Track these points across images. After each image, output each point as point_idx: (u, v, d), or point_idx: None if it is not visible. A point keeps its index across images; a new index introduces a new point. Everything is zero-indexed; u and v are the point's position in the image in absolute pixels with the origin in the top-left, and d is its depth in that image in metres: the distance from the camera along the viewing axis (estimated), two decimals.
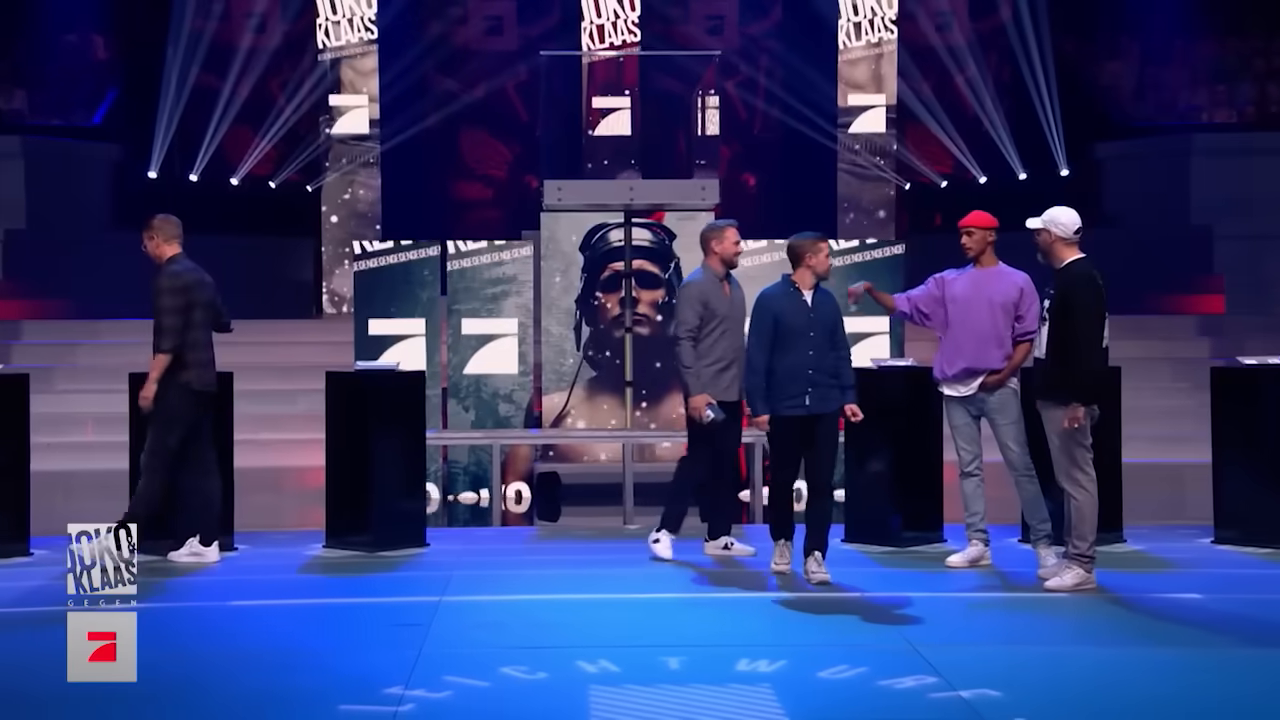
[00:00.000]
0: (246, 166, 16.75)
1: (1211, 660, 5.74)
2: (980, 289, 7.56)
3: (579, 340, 11.28)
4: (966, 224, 7.65)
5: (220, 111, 16.36)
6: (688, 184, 11.14)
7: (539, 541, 9.13)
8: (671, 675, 5.44)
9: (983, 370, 7.52)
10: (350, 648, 5.99)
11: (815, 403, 7.14)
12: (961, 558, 7.69)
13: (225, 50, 16.58)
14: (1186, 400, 12.44)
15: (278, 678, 5.46)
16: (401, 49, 16.78)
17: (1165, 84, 17.65)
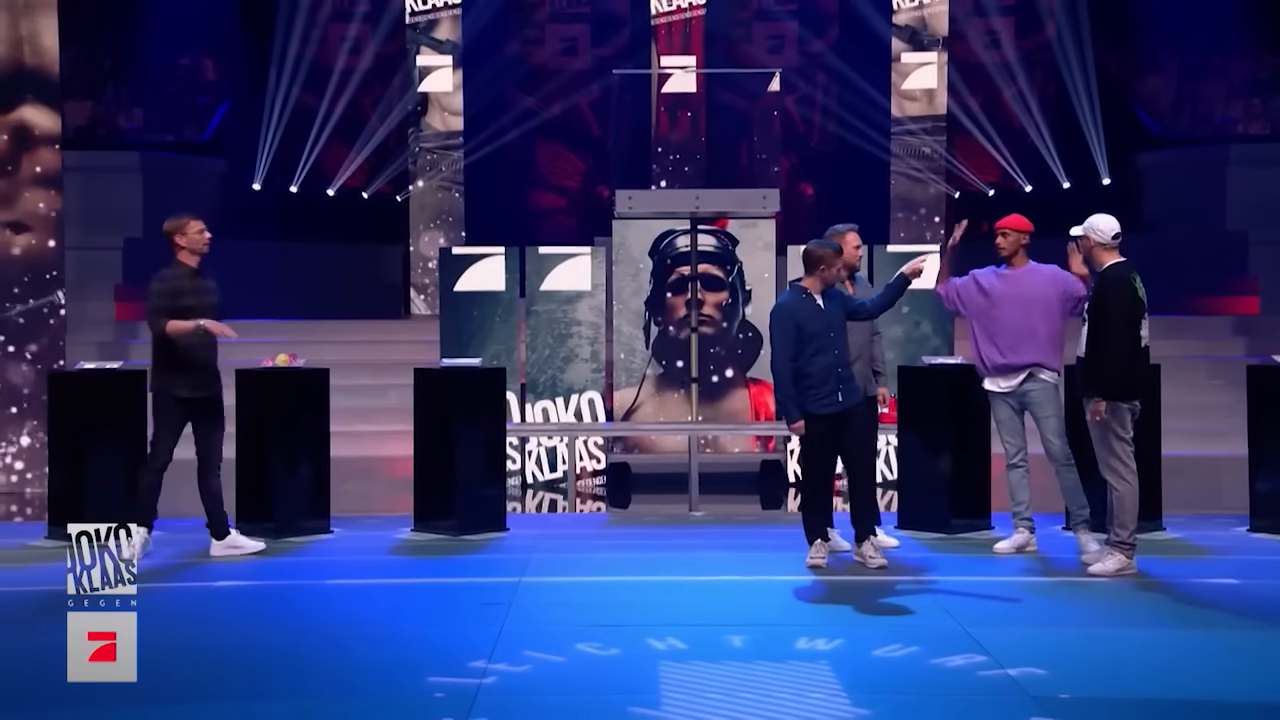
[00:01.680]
0: (341, 179, 16.91)
1: (1246, 642, 5.65)
2: (1014, 288, 7.50)
3: (648, 340, 11.29)
4: (1003, 225, 7.61)
5: (318, 128, 16.54)
6: (750, 193, 11.11)
7: (610, 527, 9.15)
8: (735, 652, 5.43)
9: (1020, 366, 7.44)
10: (437, 624, 6.03)
11: (846, 398, 7.05)
12: (1008, 544, 7.62)
13: (322, 71, 16.76)
14: (1222, 396, 12.25)
15: (370, 650, 5.52)
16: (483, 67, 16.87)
17: (1202, 97, 17.37)
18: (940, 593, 6.56)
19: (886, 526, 8.02)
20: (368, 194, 17.13)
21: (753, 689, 4.93)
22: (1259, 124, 16.96)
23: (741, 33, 17.88)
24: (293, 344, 10.00)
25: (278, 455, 8.16)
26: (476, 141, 16.64)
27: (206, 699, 4.90)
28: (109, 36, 16.45)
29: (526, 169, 18.26)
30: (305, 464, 8.27)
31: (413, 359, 10.74)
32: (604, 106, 17.78)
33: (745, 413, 11.29)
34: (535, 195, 18.44)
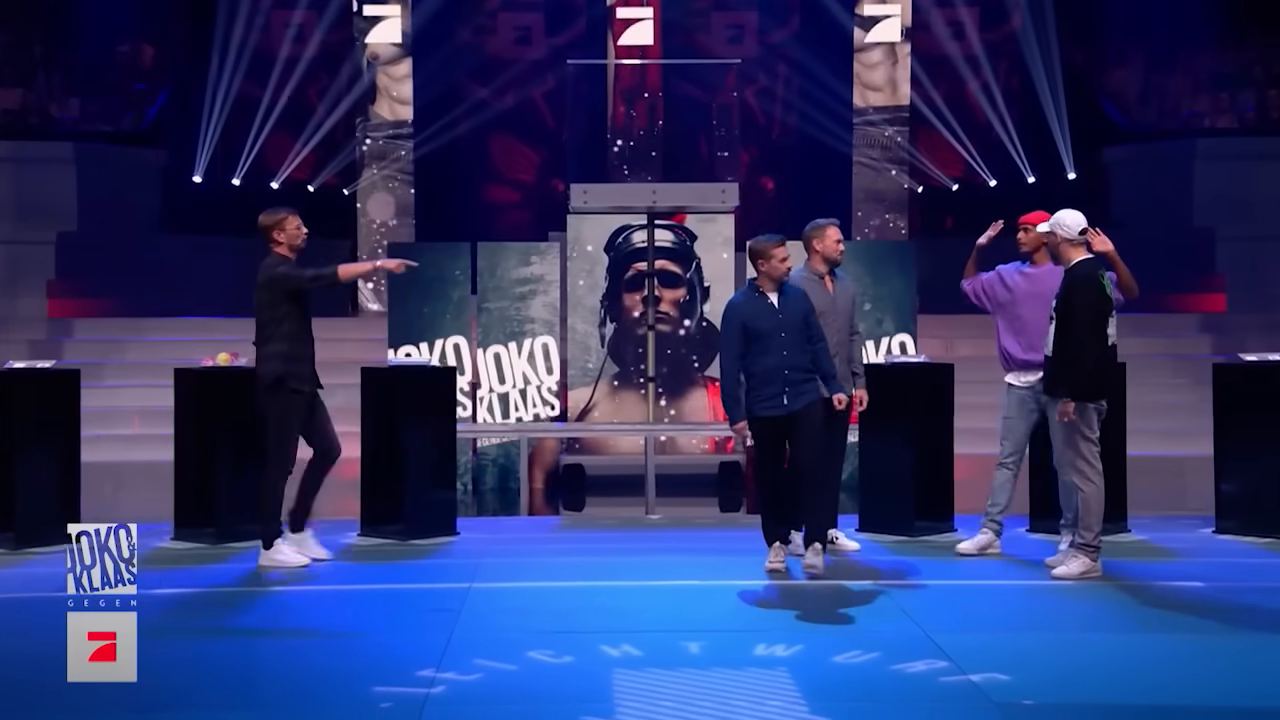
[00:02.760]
0: (286, 171, 16.79)
1: (1213, 646, 5.71)
2: (1036, 285, 7.54)
3: (603, 338, 11.29)
4: (1026, 221, 7.65)
5: (261, 118, 16.41)
6: (708, 187, 11.14)
7: (564, 531, 9.13)
8: (692, 659, 5.43)
9: (1040, 363, 7.49)
10: (384, 631, 5.99)
11: (793, 401, 6.93)
12: (971, 545, 7.67)
13: (266, 59, 16.63)
14: (1188, 395, 12.38)
15: (315, 659, 5.47)
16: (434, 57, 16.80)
17: (1169, 91, 17.55)
18: (902, 597, 6.59)
19: (847, 529, 8.05)
20: (314, 187, 17.02)
21: (709, 697, 4.93)
22: (1226, 118, 17.16)
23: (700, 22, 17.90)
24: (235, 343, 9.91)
25: (219, 458, 8.09)
26: (427, 133, 16.58)
27: (143, 711, 4.84)
28: (40, 21, 16.26)
29: (479, 162, 18.20)
30: (248, 467, 8.18)
31: (360, 358, 10.68)
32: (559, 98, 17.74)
33: (703, 413, 11.30)
34: (488, 189, 18.38)
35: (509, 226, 17.31)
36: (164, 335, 13.85)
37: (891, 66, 16.29)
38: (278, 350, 7.30)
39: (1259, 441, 8.22)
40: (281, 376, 7.28)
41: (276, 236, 7.41)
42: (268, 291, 7.32)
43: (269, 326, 7.33)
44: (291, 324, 7.32)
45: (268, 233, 7.42)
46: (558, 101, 17.76)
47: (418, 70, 16.30)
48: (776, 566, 7.06)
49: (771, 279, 7.01)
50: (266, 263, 7.41)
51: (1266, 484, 8.17)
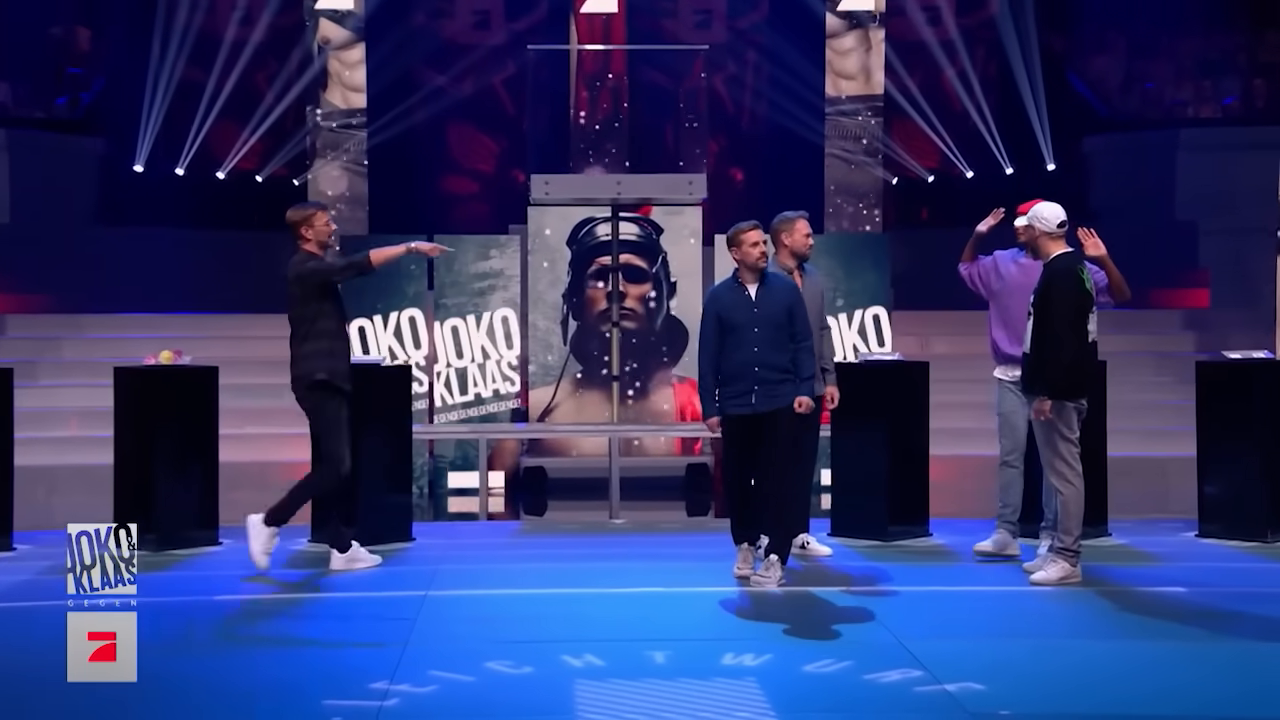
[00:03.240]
0: (233, 160, 16.70)
1: (1196, 654, 5.76)
2: (1027, 276, 7.56)
3: (565, 335, 11.28)
4: (1025, 211, 7.65)
5: (206, 105, 16.31)
6: (675, 178, 11.15)
7: (524, 536, 9.12)
8: (657, 670, 5.44)
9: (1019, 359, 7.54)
10: (335, 642, 5.98)
11: (762, 401, 6.84)
12: (989, 544, 7.70)
13: (211, 42, 16.52)
14: (1171, 394, 12.48)
15: (262, 672, 5.45)
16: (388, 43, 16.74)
17: (1151, 79, 17.69)
18: (875, 603, 6.62)
19: (819, 534, 8.08)
20: (262, 177, 16.94)
21: (676, 708, 4.94)
22: (1210, 107, 17.30)
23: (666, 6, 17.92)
24: (178, 340, 9.87)
25: (161, 461, 8.05)
26: (381, 122, 16.52)
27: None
28: None
29: (435, 151, 18.16)
30: (192, 470, 8.17)
31: None
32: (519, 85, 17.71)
33: (670, 413, 11.32)
34: (445, 180, 18.34)
35: (467, 218, 17.28)
36: (103, 332, 13.74)
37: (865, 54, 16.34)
38: (319, 348, 7.35)
39: (1243, 442, 8.30)
40: (327, 376, 7.31)
41: (304, 233, 7.46)
42: (298, 287, 7.39)
43: (304, 325, 7.39)
44: (328, 321, 7.38)
45: (296, 228, 7.50)
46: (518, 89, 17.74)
47: (371, 56, 16.23)
48: (744, 572, 7.06)
49: (747, 267, 6.97)
50: (294, 259, 7.49)
51: (1251, 486, 8.25)
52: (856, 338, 11.17)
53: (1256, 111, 16.98)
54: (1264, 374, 8.38)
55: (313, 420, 7.42)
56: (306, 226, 7.46)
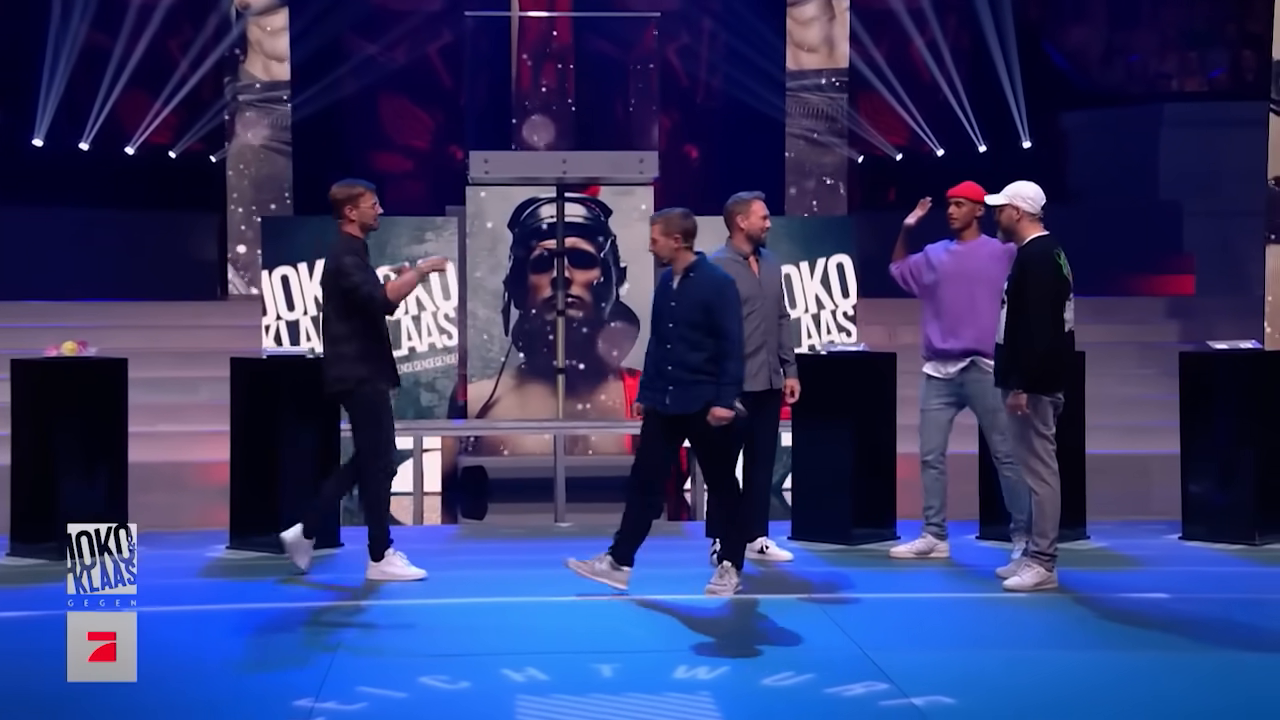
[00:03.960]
0: (143, 135, 16.54)
1: (1178, 664, 5.82)
2: (961, 264, 7.64)
3: (507, 324, 11.26)
4: (957, 194, 7.74)
5: (112, 74, 16.13)
6: (625, 156, 11.15)
7: (462, 540, 9.11)
8: (604, 684, 5.44)
9: (961, 352, 7.59)
10: (256, 657, 5.95)
11: (676, 403, 6.83)
12: (907, 548, 7.78)
13: (117, 5, 16.35)
14: (1153, 387, 12.61)
15: (176, 690, 5.41)
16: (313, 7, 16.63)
17: (1133, 50, 17.84)
18: (838, 612, 6.65)
19: (779, 537, 8.11)
20: (176, 153, 16.80)
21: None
22: (1195, 80, 17.47)
23: None
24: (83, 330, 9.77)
25: (63, 461, 7.97)
26: (307, 95, 16.42)
27: None
28: None
29: (365, 126, 18.08)
30: (97, 471, 8.09)
31: (230, 347, 10.57)
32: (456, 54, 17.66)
33: (619, 409, 11.33)
34: (376, 156, 18.26)
35: (400, 199, 17.19)
36: None
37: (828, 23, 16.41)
38: (355, 350, 7.27)
39: (1230, 438, 8.39)
40: (364, 376, 7.25)
41: (349, 213, 7.37)
42: (333, 280, 7.31)
43: (340, 322, 7.31)
44: (363, 319, 7.28)
45: (340, 207, 7.40)
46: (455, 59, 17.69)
47: (295, 22, 16.13)
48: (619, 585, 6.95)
49: (662, 257, 7.01)
50: (334, 247, 7.40)
51: (1237, 485, 8.34)
52: (819, 288, 11.23)
53: (1245, 85, 17.14)
54: (1251, 366, 8.46)
55: (352, 422, 7.43)
56: (351, 206, 7.37)
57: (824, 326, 11.14)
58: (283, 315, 11.03)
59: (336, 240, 7.44)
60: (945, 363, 7.70)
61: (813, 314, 11.20)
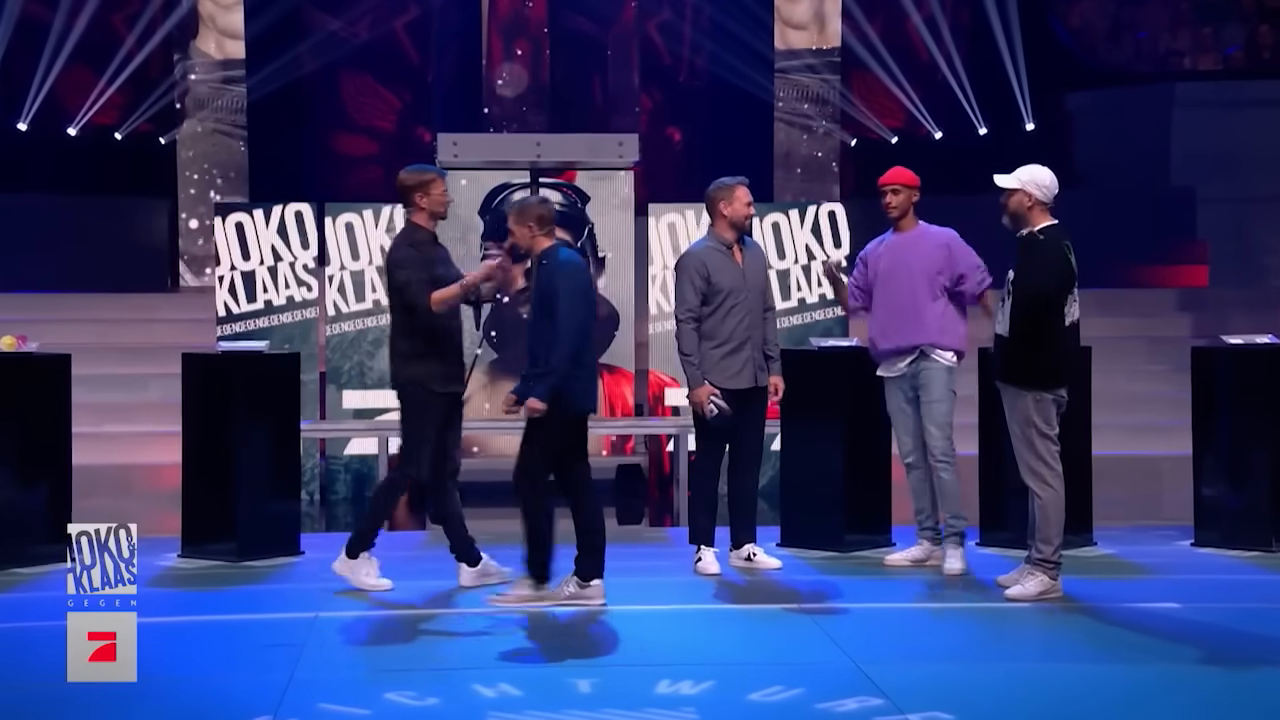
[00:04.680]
0: (86, 115, 16.48)
1: (1189, 679, 5.85)
2: (899, 257, 7.70)
3: (478, 318, 11.27)
4: (892, 181, 7.81)
5: (52, 49, 16.05)
6: (602, 139, 11.16)
7: (430, 548, 9.11)
8: (581, 700, 5.46)
9: (908, 348, 7.66)
10: (210, 672, 5.95)
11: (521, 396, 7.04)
12: (902, 556, 7.83)
13: None
14: (1164, 384, 12.66)
15: (121, 708, 5.41)
16: None
17: (1143, 26, 17.89)
18: (829, 623, 6.68)
19: (767, 544, 8.14)
20: (122, 134, 16.75)
21: None
22: (1210, 58, 17.52)
23: None
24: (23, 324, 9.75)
25: (2, 464, 7.96)
26: (263, 73, 16.38)
27: None
28: None
29: (326, 106, 18.06)
30: (38, 475, 8.09)
31: (182, 341, 10.57)
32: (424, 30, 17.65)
33: (598, 408, 11.34)
34: (337, 138, 18.25)
35: (363, 184, 17.21)
36: None
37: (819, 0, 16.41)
38: (407, 347, 7.29)
39: (1245, 439, 8.42)
40: (418, 377, 7.26)
41: (418, 200, 7.37)
42: (388, 272, 7.36)
43: (395, 315, 7.38)
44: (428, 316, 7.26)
45: (408, 194, 7.40)
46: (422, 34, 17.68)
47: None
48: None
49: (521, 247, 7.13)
50: (398, 238, 7.44)
51: (1253, 488, 8.38)
52: (809, 237, 11.26)
53: (1262, 63, 17.19)
54: (1268, 362, 8.49)
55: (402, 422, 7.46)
56: (421, 193, 7.37)
57: (814, 279, 11.18)
58: (238, 265, 11.02)
59: (402, 229, 7.50)
60: (893, 361, 7.75)
61: (803, 265, 11.25)
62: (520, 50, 16.20)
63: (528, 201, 7.18)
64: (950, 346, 7.70)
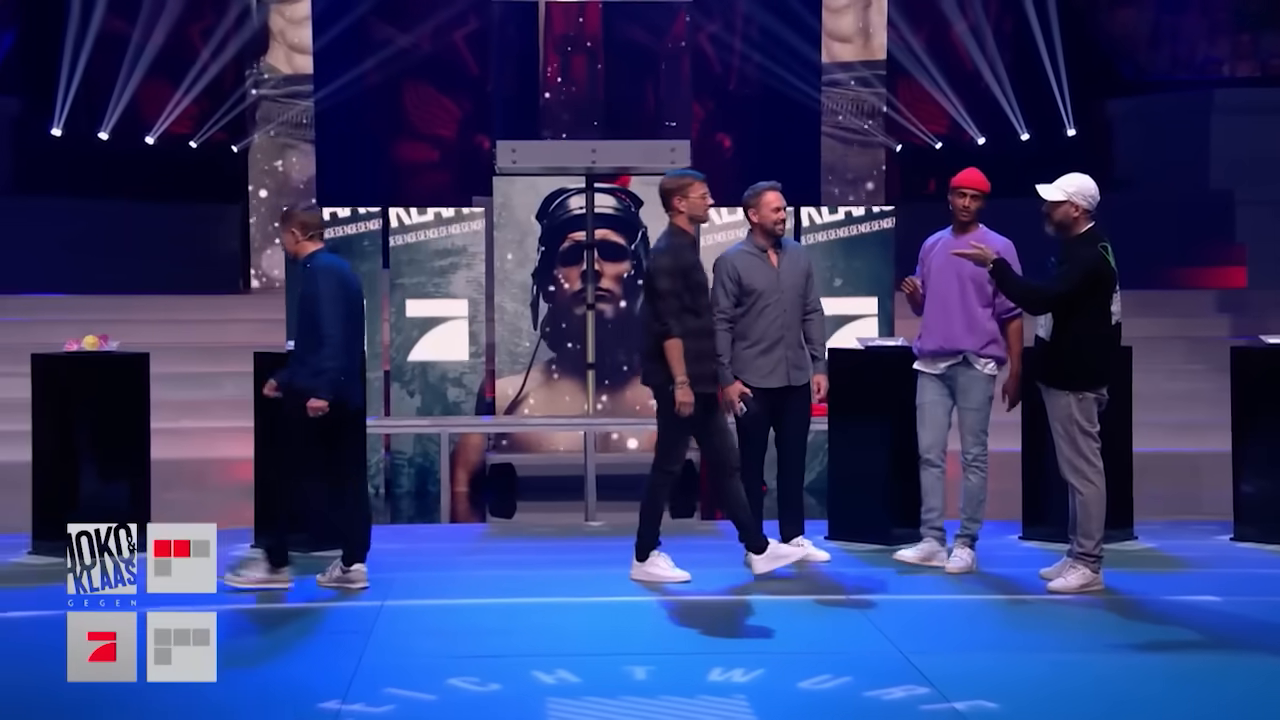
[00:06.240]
0: (164, 124, 16.64)
1: (1229, 669, 5.81)
2: (945, 257, 7.59)
3: (536, 318, 11.29)
4: (965, 184, 7.62)
5: (130, 62, 16.21)
6: (655, 145, 11.14)
7: (491, 540, 9.15)
8: (637, 686, 5.47)
9: (951, 351, 7.57)
10: (282, 657, 5.99)
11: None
12: (912, 553, 7.73)
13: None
14: (1204, 383, 12.56)
15: (200, 690, 5.45)
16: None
17: (1183, 34, 17.73)
18: (876, 614, 6.66)
19: (815, 537, 8.12)
20: (197, 143, 16.89)
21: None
22: (1248, 65, 17.34)
23: None
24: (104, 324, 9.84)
25: (84, 458, 8.04)
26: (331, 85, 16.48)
27: None
28: None
29: (391, 115, 18.14)
30: (119, 469, 8.15)
31: (254, 341, 10.63)
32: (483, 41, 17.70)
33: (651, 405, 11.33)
34: (401, 146, 18.33)
35: (425, 189, 17.26)
36: (18, 315, 13.71)
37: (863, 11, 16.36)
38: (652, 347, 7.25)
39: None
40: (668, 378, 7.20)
41: (677, 204, 7.32)
42: (648, 278, 7.31)
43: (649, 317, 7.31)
44: (687, 318, 7.25)
45: (668, 198, 7.37)
46: (482, 46, 17.73)
47: (317, 6, 16.19)
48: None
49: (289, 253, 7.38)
50: (660, 240, 7.38)
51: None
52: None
53: None
54: None
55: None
56: (680, 197, 7.31)
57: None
58: None
59: (664, 231, 7.40)
60: (934, 359, 7.67)
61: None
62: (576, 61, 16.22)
63: (295, 208, 7.33)
64: (994, 355, 7.60)
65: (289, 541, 7.29)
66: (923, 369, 7.74)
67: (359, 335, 7.37)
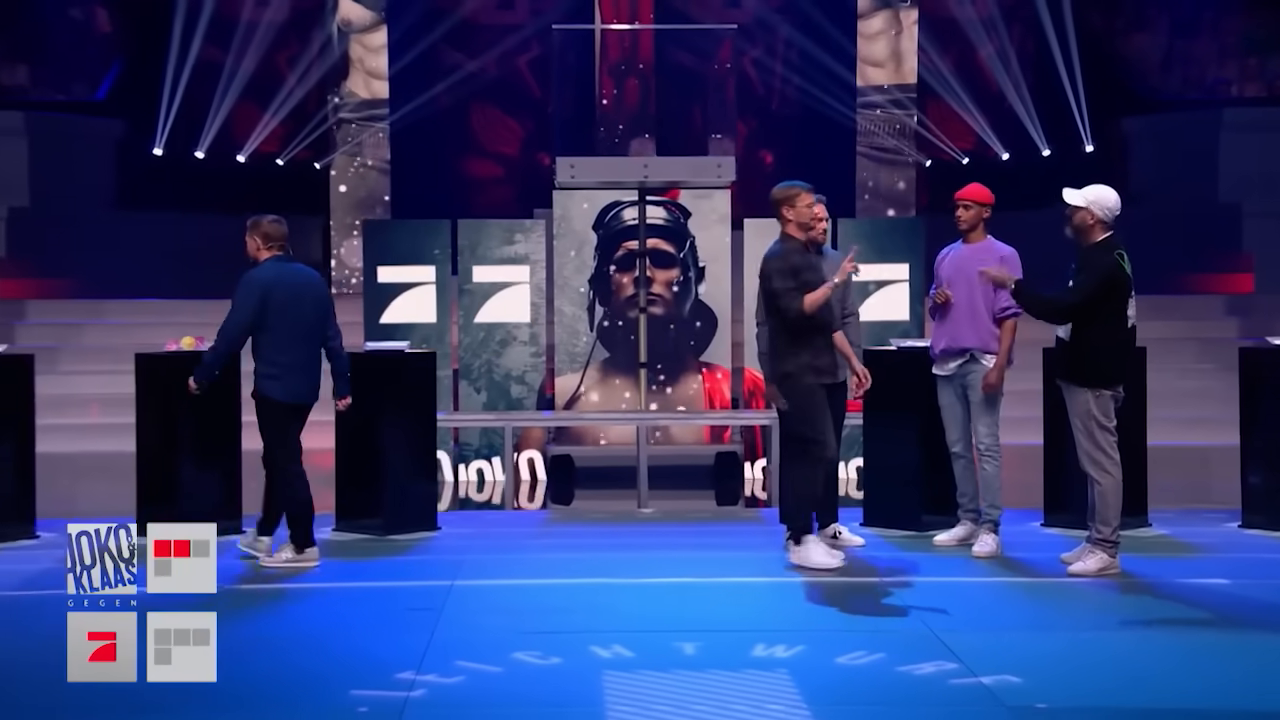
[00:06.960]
0: (253, 144, 16.78)
1: (1238, 646, 5.75)
2: (963, 266, 7.58)
3: (592, 320, 11.31)
4: (966, 196, 7.68)
5: (224, 86, 16.37)
6: (703, 161, 11.13)
7: (551, 525, 9.16)
8: (686, 660, 5.47)
9: (957, 350, 7.55)
10: (361, 632, 6.02)
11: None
12: (948, 536, 7.73)
13: (229, 23, 16.59)
14: (1213, 382, 12.43)
15: (287, 661, 5.50)
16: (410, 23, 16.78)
17: (1194, 56, 17.56)
18: (908, 595, 6.64)
19: (851, 524, 8.09)
20: (283, 160, 17.01)
21: (706, 700, 4.96)
22: (1255, 85, 17.17)
23: None
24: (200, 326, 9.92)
25: (184, 449, 8.12)
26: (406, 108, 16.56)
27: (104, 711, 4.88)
28: None
29: (459, 134, 18.21)
30: (215, 458, 8.23)
31: None
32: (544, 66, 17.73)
33: (699, 401, 11.34)
34: (468, 163, 18.39)
35: (491, 202, 17.32)
36: (123, 318, 13.84)
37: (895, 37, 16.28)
38: (787, 346, 7.23)
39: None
40: (794, 372, 7.18)
41: (786, 213, 7.24)
42: (763, 280, 7.27)
43: (776, 322, 7.28)
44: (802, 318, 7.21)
45: (777, 208, 7.29)
46: (543, 70, 17.76)
47: (392, 34, 16.27)
48: None
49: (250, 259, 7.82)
50: (773, 246, 7.30)
51: None
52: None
53: None
54: None
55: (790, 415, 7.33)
56: (788, 206, 7.23)
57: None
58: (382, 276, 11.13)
59: (776, 239, 7.31)
60: (945, 361, 7.64)
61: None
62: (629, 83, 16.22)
63: (262, 218, 7.65)
64: (997, 352, 7.56)
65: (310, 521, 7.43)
66: (937, 372, 7.72)
67: (301, 337, 7.46)
